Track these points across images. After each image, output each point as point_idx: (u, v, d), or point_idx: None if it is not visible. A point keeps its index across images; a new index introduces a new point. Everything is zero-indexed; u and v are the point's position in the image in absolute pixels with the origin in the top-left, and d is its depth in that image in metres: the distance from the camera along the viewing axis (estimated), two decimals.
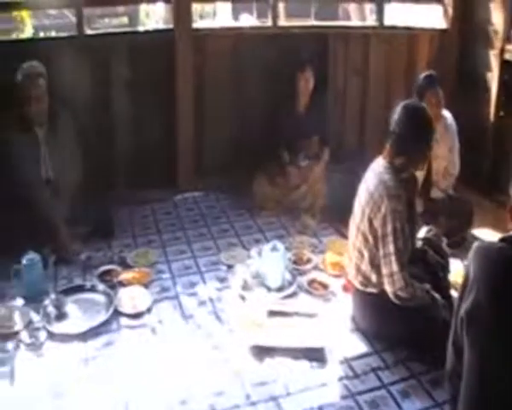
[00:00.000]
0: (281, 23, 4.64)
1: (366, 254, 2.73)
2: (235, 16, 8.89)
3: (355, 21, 7.90)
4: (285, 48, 4.31)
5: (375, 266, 2.70)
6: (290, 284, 3.18)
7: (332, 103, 4.60)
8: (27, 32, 6.81)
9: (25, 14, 6.64)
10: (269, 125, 4.15)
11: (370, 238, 2.69)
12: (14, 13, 6.42)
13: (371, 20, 6.95)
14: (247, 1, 7.67)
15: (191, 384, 2.52)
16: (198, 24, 4.47)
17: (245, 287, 3.14)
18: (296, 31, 4.71)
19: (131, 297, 3.07)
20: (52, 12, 8.15)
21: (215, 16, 9.21)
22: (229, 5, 8.80)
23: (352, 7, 8.30)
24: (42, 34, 7.27)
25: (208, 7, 9.07)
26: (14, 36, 6.71)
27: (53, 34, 7.44)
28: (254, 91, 4.37)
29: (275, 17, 4.59)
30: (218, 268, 3.43)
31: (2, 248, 3.25)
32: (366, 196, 2.69)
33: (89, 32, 4.38)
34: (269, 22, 4.67)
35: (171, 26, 4.36)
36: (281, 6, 4.65)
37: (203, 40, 4.33)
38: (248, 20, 8.11)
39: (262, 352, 2.69)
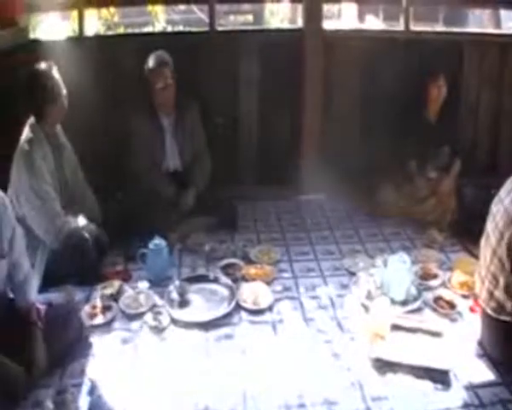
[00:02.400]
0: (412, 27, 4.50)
1: (502, 281, 2.54)
2: (361, 18, 8.77)
3: (490, 29, 7.52)
4: (417, 53, 4.17)
5: (511, 294, 2.51)
6: (415, 298, 3.05)
7: (464, 114, 4.40)
8: (159, 26, 7.11)
9: (158, 8, 6.93)
10: (397, 132, 4.02)
11: (508, 265, 2.49)
12: (149, 7, 6.75)
13: (506, 28, 6.61)
14: (377, 3, 7.49)
15: (309, 388, 2.48)
16: (324, 24, 4.46)
17: (368, 296, 3.05)
18: (429, 36, 4.53)
19: (254, 293, 3.08)
20: (181, 7, 8.47)
21: (340, 17, 9.14)
22: (354, 6, 8.70)
23: (487, 13, 7.92)
24: (170, 28, 7.56)
25: (333, 7, 9.01)
26: (146, 29, 7.06)
27: (180, 29, 7.73)
28: (383, 96, 4.25)
29: (407, 21, 4.43)
30: (341, 274, 3.36)
31: (132, 231, 3.42)
32: (505, 220, 2.50)
33: (218, 28, 4.47)
34: (400, 26, 4.52)
35: (299, 25, 4.36)
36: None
37: (332, 41, 4.27)
38: (374, 23, 7.99)
39: (384, 366, 2.60)
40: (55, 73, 3.19)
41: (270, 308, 3.02)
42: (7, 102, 3.64)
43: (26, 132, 3.21)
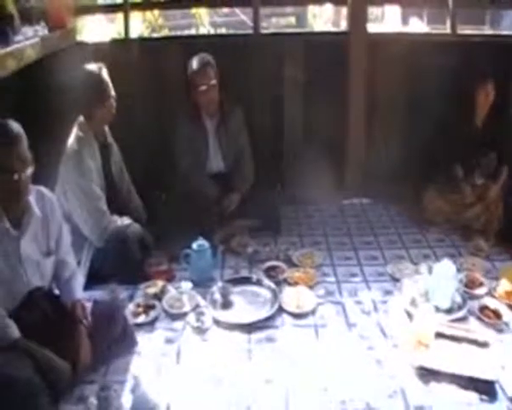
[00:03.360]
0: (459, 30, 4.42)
1: None
2: (404, 21, 8.65)
3: None
4: (463, 57, 4.05)
5: None
6: (460, 307, 2.99)
7: None
8: (203, 29, 7.18)
9: (202, 11, 7.00)
10: (442, 138, 3.94)
11: None
12: (193, 10, 6.83)
13: None
14: (421, 6, 7.38)
15: (351, 394, 2.45)
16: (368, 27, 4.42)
17: (412, 303, 3.00)
18: (476, 39, 4.44)
19: (296, 296, 3.07)
20: (224, 10, 8.52)
21: (383, 20, 9.03)
22: (397, 9, 8.60)
23: None
24: (212, 31, 7.63)
25: (377, 10, 8.91)
26: (189, 31, 7.16)
27: (223, 31, 7.79)
28: (428, 100, 4.18)
29: (454, 24, 4.36)
30: (385, 280, 3.32)
31: (176, 232, 3.46)
32: None
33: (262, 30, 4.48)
34: (447, 29, 4.45)
35: (342, 28, 4.32)
36: None
37: (377, 44, 4.23)
38: (419, 26, 7.86)
39: (427, 374, 2.55)
40: (105, 75, 3.26)
41: (312, 312, 3.01)
42: (55, 102, 3.75)
43: (75, 131, 3.29)
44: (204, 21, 7.27)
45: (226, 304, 3.06)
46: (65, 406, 2.43)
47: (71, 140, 3.27)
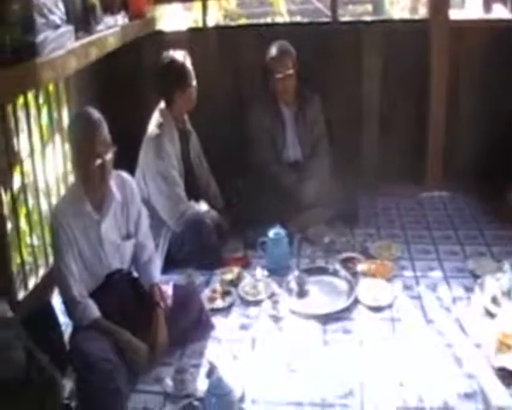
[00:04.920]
0: None
1: None
2: (487, 7, 8.25)
3: None
4: None
5: None
6: None
7: None
8: (280, 16, 7.17)
9: None
10: None
11: None
12: None
13: None
14: None
15: (429, 392, 2.39)
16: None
17: (494, 302, 2.88)
18: None
19: (373, 289, 3.03)
20: None
21: (463, 5, 8.66)
22: None
23: None
24: (287, 19, 7.59)
25: None
26: (267, 19, 7.15)
27: (298, 19, 7.72)
28: None
29: None
30: (464, 276, 3.21)
31: (253, 219, 3.49)
32: None
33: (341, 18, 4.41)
34: None
35: (421, 15, 4.17)
36: None
37: (459, 32, 4.05)
38: (502, 12, 7.47)
39: (509, 376, 2.45)
40: (188, 63, 3.32)
41: (389, 306, 2.95)
42: (134, 90, 3.84)
43: (156, 117, 3.36)
44: (281, 9, 7.24)
45: (302, 293, 3.05)
46: (141, 386, 2.52)
47: (152, 125, 3.35)
